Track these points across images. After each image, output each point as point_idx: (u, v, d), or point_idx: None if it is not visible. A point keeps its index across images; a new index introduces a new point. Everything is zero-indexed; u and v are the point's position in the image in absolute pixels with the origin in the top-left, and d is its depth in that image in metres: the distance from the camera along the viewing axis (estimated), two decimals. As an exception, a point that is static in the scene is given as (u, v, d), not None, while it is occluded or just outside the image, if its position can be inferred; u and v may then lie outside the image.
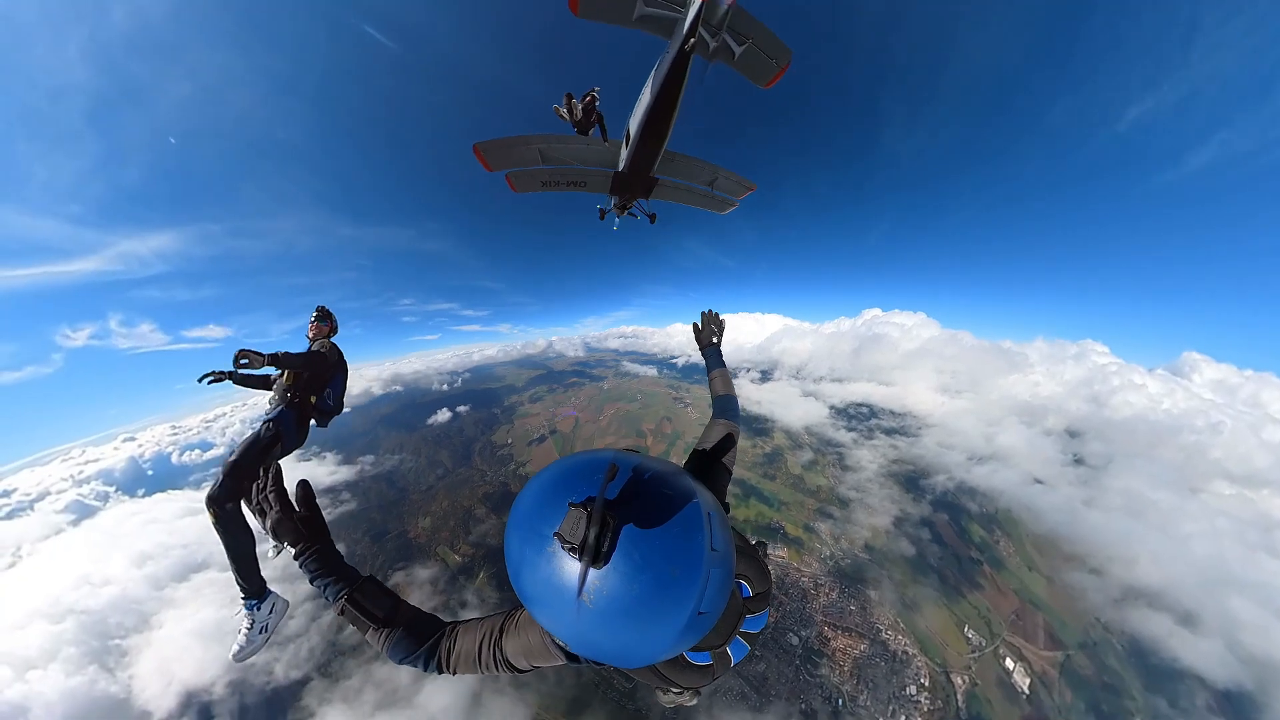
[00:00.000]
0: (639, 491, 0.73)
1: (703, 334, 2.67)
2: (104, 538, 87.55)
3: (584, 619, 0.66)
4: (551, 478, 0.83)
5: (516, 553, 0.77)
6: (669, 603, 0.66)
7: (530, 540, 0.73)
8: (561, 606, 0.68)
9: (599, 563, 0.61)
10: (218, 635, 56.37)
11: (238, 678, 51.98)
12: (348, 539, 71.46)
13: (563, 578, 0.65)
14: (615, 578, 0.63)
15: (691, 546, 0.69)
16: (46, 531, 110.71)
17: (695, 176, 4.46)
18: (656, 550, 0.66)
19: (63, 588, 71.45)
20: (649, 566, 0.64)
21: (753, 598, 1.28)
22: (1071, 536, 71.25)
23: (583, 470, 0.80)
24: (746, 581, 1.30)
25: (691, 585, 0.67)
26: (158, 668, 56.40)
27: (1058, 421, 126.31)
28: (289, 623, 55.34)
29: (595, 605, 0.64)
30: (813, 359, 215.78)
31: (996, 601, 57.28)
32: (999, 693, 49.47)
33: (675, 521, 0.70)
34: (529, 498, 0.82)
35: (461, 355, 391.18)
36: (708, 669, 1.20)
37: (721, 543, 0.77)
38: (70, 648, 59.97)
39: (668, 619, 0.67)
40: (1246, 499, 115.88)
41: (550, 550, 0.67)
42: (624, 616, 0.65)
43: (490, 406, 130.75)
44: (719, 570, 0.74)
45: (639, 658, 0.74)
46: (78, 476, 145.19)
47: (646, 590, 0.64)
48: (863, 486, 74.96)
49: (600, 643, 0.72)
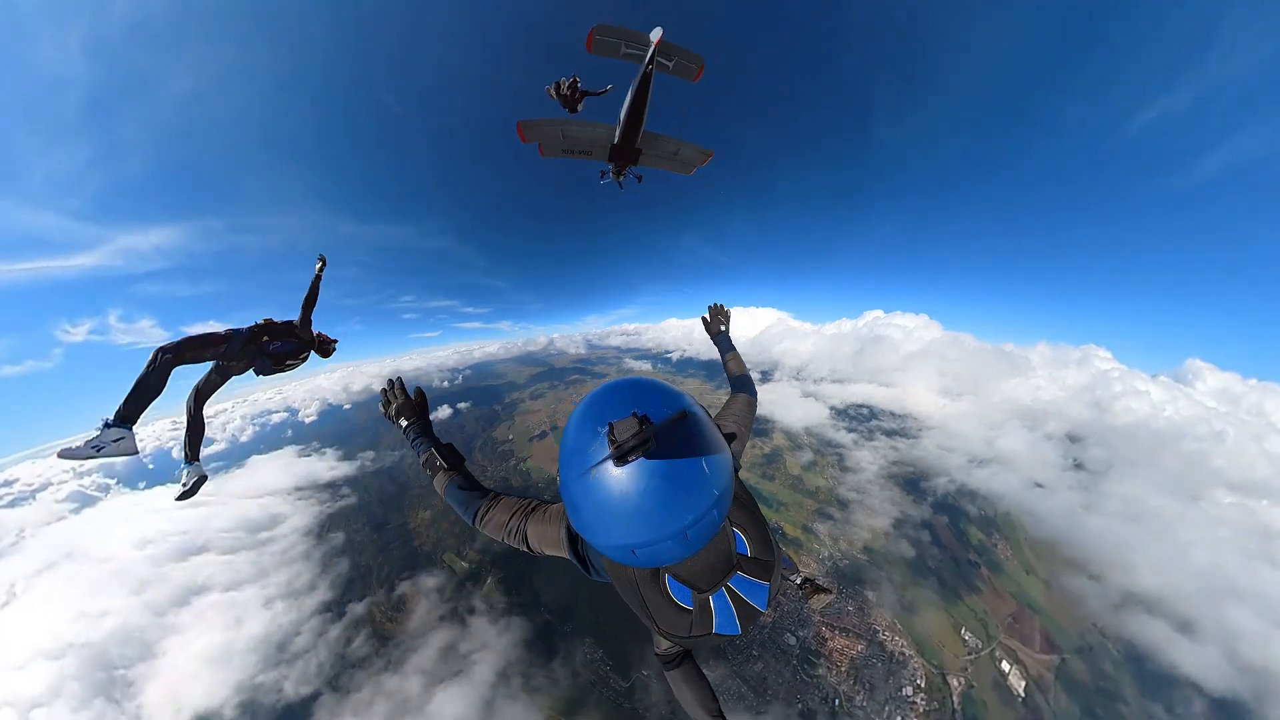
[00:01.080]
0: (686, 444, 0.85)
1: (712, 324, 2.94)
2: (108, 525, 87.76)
3: (580, 483, 0.86)
4: (637, 386, 0.99)
5: (580, 416, 0.95)
6: (628, 527, 0.83)
7: (592, 416, 0.91)
8: (576, 466, 0.87)
9: (619, 463, 0.77)
10: (225, 657, 55.69)
11: (248, 698, 51.24)
12: (348, 530, 71.88)
13: (592, 450, 0.84)
14: (618, 481, 0.80)
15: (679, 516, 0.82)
16: (48, 518, 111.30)
17: (665, 148, 6.04)
18: (658, 493, 0.80)
19: (60, 622, 70.72)
20: (644, 496, 0.79)
21: (750, 559, 1.26)
22: (1070, 541, 71.21)
23: (664, 396, 0.95)
24: (744, 536, 1.27)
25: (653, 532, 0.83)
26: (166, 695, 55.87)
27: (1059, 426, 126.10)
28: (297, 639, 55.05)
29: (593, 482, 0.83)
30: (813, 360, 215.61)
31: (994, 604, 57.36)
32: (995, 695, 49.60)
33: (689, 488, 0.82)
34: (612, 390, 0.99)
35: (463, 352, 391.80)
36: (685, 614, 1.18)
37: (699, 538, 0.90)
38: (73, 683, 58.87)
39: (618, 532, 0.85)
40: (1247, 508, 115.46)
41: (600, 430, 0.84)
42: (601, 503, 0.84)
43: (491, 403, 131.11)
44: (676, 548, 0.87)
45: (586, 530, 0.93)
46: (79, 468, 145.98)
47: (627, 507, 0.81)
48: (862, 488, 75.00)
49: (575, 502, 0.91)
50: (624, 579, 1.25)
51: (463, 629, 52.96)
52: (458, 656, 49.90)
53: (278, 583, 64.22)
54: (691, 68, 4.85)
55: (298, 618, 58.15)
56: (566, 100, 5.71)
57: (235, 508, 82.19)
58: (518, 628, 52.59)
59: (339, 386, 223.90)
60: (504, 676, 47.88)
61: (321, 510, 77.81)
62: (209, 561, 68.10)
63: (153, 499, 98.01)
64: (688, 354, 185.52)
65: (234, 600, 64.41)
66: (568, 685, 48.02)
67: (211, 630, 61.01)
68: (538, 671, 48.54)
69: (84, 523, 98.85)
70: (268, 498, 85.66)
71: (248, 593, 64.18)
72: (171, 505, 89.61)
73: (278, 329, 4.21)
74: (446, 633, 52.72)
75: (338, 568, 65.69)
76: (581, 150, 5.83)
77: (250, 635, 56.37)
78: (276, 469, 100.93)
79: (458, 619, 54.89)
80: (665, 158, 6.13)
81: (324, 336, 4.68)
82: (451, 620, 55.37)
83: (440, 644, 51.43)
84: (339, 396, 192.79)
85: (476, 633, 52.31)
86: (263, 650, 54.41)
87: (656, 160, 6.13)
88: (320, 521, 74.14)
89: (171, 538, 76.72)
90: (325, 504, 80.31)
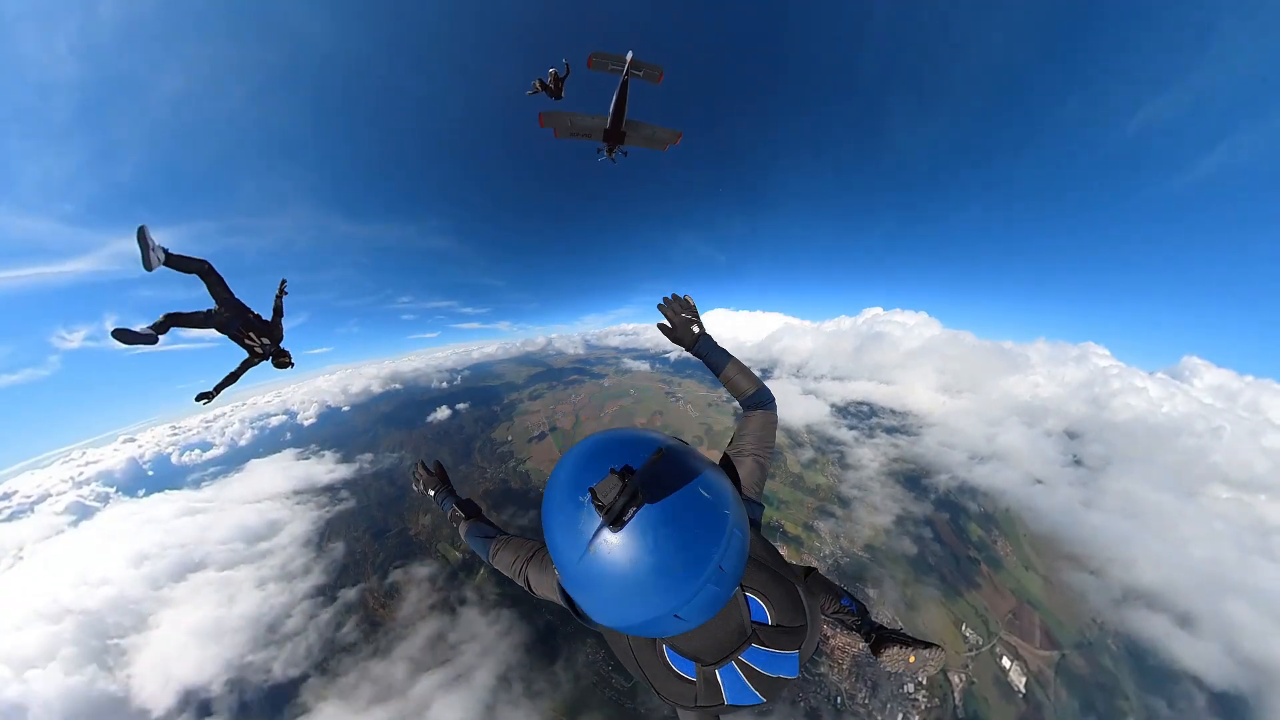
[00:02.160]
0: (676, 483, 0.77)
1: (679, 331, 2.09)
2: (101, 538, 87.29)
3: (581, 565, 0.76)
4: (605, 441, 0.91)
5: (555, 492, 0.86)
6: (655, 592, 0.71)
7: (569, 486, 0.82)
8: (570, 547, 0.77)
9: (615, 527, 0.68)
10: (216, 634, 56.29)
11: (236, 676, 51.83)
12: (348, 536, 71.56)
13: (581, 526, 0.74)
14: (622, 547, 0.70)
15: (700, 553, 0.72)
16: (47, 533, 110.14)
17: (643, 131, 7.35)
18: (667, 543, 0.70)
19: (60, 588, 71.25)
20: (654, 552, 0.69)
21: (771, 627, 1.06)
22: (1070, 537, 71.34)
23: (635, 444, 0.87)
24: (763, 602, 1.08)
25: (682, 585, 0.71)
26: (156, 667, 56.46)
27: (1057, 423, 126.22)
28: (287, 621, 55.52)
29: (596, 559, 0.73)
30: (813, 357, 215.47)
31: (994, 601, 57.44)
32: (995, 691, 49.65)
33: (695, 524, 0.74)
34: (582, 451, 0.91)
35: (461, 353, 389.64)
36: (689, 686, 1.06)
37: (731, 564, 0.79)
38: (69, 647, 59.83)
39: (646, 603, 0.73)
40: (1244, 504, 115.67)
41: (582, 500, 0.75)
42: (613, 581, 0.73)
43: (490, 404, 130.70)
44: (715, 588, 0.76)
45: (607, 615, 0.82)
46: (77, 478, 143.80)
47: (641, 571, 0.70)
48: (863, 485, 75.09)
49: (582, 588, 0.80)
50: (618, 641, 1.14)
51: (453, 619, 53.72)
52: (445, 646, 50.54)
53: (272, 565, 65.56)
54: (654, 74, 6.35)
55: (285, 602, 58.90)
56: (551, 91, 7.19)
57: (234, 515, 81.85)
58: (518, 631, 52.54)
59: (338, 389, 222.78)
60: (504, 681, 47.73)
61: (320, 515, 77.53)
62: (208, 579, 68.06)
63: (150, 507, 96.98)
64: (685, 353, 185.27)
65: (228, 578, 65.84)
66: (569, 686, 47.94)
67: (205, 606, 61.64)
68: (539, 675, 48.45)
69: (80, 536, 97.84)
70: (266, 502, 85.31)
71: (242, 572, 65.71)
72: (170, 515, 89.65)
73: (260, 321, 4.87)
74: (436, 622, 53.41)
75: (333, 553, 66.60)
76: (583, 133, 7.23)
77: (242, 614, 57.34)
78: (275, 472, 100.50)
79: (448, 609, 55.62)
80: (644, 138, 7.43)
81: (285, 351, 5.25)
82: (442, 610, 56.14)
83: (429, 632, 52.06)
84: (338, 399, 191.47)
85: (466, 623, 52.90)
86: (253, 630, 55.22)
87: (637, 140, 7.43)
88: (319, 529, 73.99)
89: (170, 551, 76.17)
90: (324, 508, 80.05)
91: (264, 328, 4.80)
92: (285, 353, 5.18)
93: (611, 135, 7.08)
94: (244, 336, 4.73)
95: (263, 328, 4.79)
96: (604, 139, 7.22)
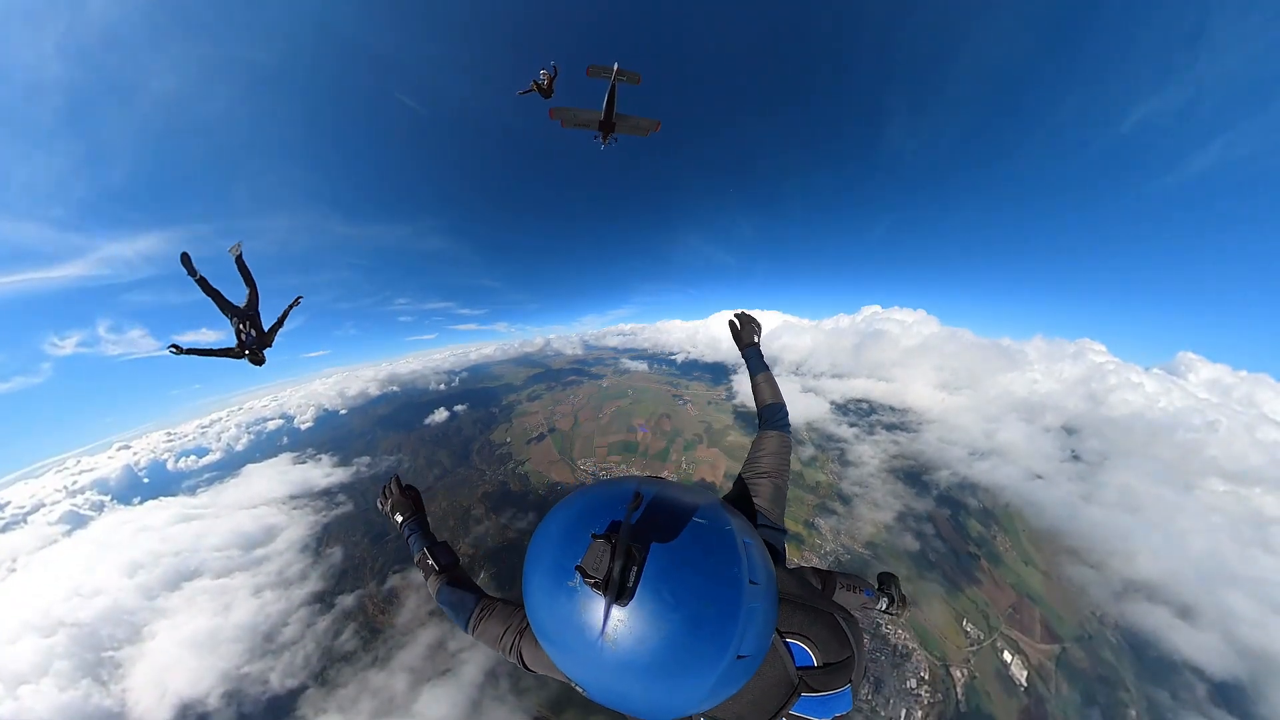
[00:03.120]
0: (667, 521, 0.65)
1: (743, 334, 2.42)
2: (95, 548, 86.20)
3: (606, 662, 0.59)
4: (573, 509, 0.77)
5: (536, 589, 0.70)
6: (703, 643, 0.58)
7: (551, 575, 0.67)
8: (583, 648, 0.60)
9: (623, 599, 0.54)
10: (211, 644, 55.37)
11: (233, 688, 51.08)
12: (346, 541, 71.07)
13: (585, 615, 0.59)
14: (642, 616, 0.56)
15: (727, 579, 0.61)
16: (41, 543, 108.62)
17: (629, 122, 8.74)
18: (687, 585, 0.58)
19: (53, 599, 70.33)
20: (680, 604, 0.56)
21: (819, 669, 0.89)
22: (1070, 531, 71.58)
23: (606, 501, 0.73)
24: (806, 644, 0.91)
25: (729, 623, 0.59)
26: (151, 679, 55.58)
27: (1055, 418, 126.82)
28: (284, 629, 54.54)
29: (619, 647, 0.57)
30: (813, 355, 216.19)
31: (994, 596, 57.56)
32: (997, 685, 49.70)
33: (708, 553, 0.63)
34: (550, 530, 0.76)
35: (459, 354, 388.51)
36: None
37: (762, 575, 0.70)
38: (62, 661, 58.61)
39: (702, 662, 0.59)
40: (1240, 496, 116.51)
41: (572, 585, 0.61)
42: (651, 660, 0.57)
43: (488, 405, 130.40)
44: (761, 605, 0.67)
45: (667, 709, 0.65)
46: (71, 487, 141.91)
47: (677, 630, 0.56)
48: (864, 482, 75.20)
49: (623, 690, 0.63)
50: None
51: (452, 626, 52.99)
52: (446, 654, 49.72)
53: (268, 571, 64.73)
54: (634, 78, 7.82)
55: (284, 609, 58.23)
56: (544, 90, 8.76)
57: (229, 521, 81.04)
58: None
59: (334, 392, 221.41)
60: (492, 677, 47.38)
61: (318, 520, 76.94)
62: (204, 588, 67.36)
63: (144, 515, 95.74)
64: (692, 356, 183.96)
65: (223, 585, 65.06)
66: (556, 683, 47.70)
67: (200, 616, 60.87)
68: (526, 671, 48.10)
69: (74, 546, 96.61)
70: (262, 508, 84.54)
71: (238, 580, 64.77)
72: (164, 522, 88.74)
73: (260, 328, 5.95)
74: (436, 629, 52.59)
75: (330, 559, 65.90)
76: (584, 124, 8.66)
77: (238, 623, 56.48)
78: (271, 477, 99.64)
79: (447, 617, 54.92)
80: (630, 127, 8.89)
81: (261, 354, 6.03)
82: (441, 616, 55.31)
83: (429, 640, 51.24)
84: (334, 402, 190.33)
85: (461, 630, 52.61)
86: (250, 639, 54.43)
87: (625, 129, 8.87)
88: (317, 534, 73.38)
89: (164, 560, 75.21)
90: (321, 513, 79.47)
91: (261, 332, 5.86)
92: (262, 355, 5.99)
93: (605, 125, 8.55)
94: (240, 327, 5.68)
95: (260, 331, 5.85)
96: (599, 129, 8.64)
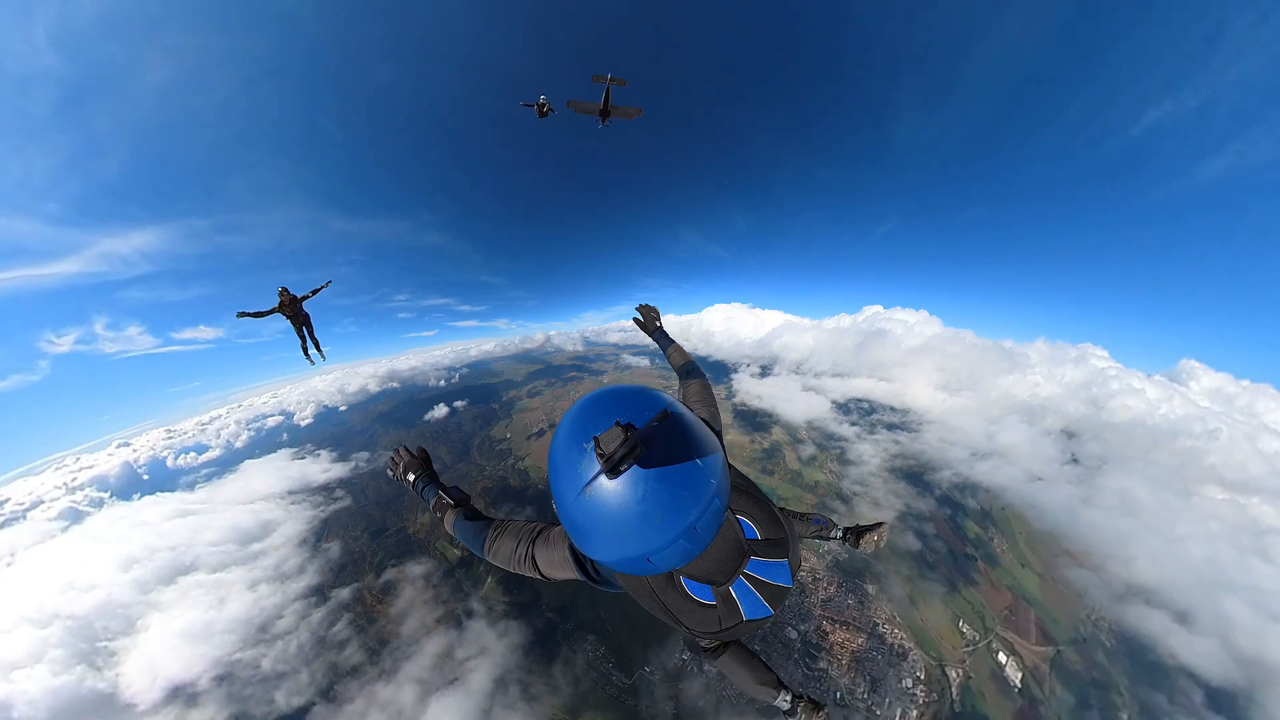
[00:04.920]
0: (672, 446, 0.83)
1: (647, 323, 3.01)
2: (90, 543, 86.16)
3: (577, 505, 0.84)
4: (616, 393, 0.97)
5: (562, 436, 0.93)
6: (637, 536, 0.81)
7: (575, 432, 0.89)
8: (569, 488, 0.85)
9: (611, 475, 0.76)
10: (205, 635, 55.63)
11: (224, 672, 51.47)
12: (344, 536, 71.09)
13: (582, 469, 0.82)
14: (614, 494, 0.78)
15: (680, 512, 0.80)
16: (39, 539, 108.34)
17: (619, 110, 11.12)
18: (652, 498, 0.78)
19: (48, 593, 70.45)
20: (640, 503, 0.78)
21: (761, 540, 1.24)
22: (1069, 534, 71.59)
23: (643, 401, 0.94)
24: (750, 520, 1.26)
25: (660, 535, 0.81)
26: (144, 666, 56.00)
27: (1056, 421, 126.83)
28: (278, 621, 54.66)
29: (589, 501, 0.81)
30: (814, 354, 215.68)
31: (990, 597, 57.59)
32: (993, 686, 49.77)
33: (682, 487, 0.81)
34: (592, 399, 0.98)
35: (459, 351, 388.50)
36: (711, 609, 1.17)
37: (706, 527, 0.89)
38: (57, 650, 59.26)
39: (627, 545, 0.83)
40: (1238, 505, 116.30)
41: (586, 446, 0.82)
42: (601, 521, 0.82)
43: (488, 401, 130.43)
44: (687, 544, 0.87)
45: (593, 551, 0.91)
46: (71, 484, 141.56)
47: (627, 517, 0.79)
48: (865, 480, 75.27)
49: (576, 527, 0.88)
50: (641, 588, 1.23)
51: (459, 633, 52.21)
52: (454, 663, 48.96)
53: (264, 566, 64.91)
54: (620, 81, 10.32)
55: (281, 601, 58.56)
56: (539, 112, 11.69)
57: (226, 516, 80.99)
58: (516, 630, 52.11)
59: (334, 389, 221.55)
60: (502, 683, 47.13)
61: (315, 515, 76.95)
62: (199, 582, 67.37)
63: (140, 510, 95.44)
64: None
65: (218, 580, 65.26)
66: (570, 685, 47.57)
67: (194, 609, 61.01)
68: (538, 675, 47.91)
69: (70, 541, 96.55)
70: (260, 503, 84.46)
71: (234, 574, 64.91)
72: (160, 517, 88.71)
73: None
74: (442, 638, 51.91)
75: (328, 554, 65.78)
76: (589, 111, 11.09)
77: (232, 616, 56.84)
78: (269, 473, 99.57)
79: (454, 621, 54.18)
80: (621, 114, 11.16)
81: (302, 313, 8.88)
82: (436, 608, 55.36)
83: (436, 650, 50.60)
84: (334, 399, 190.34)
85: (474, 636, 51.55)
86: (243, 631, 54.73)
87: (618, 114, 11.19)
88: (314, 529, 73.35)
89: (159, 554, 75.18)
90: (319, 507, 79.48)
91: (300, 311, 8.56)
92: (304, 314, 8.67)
93: (603, 113, 11.15)
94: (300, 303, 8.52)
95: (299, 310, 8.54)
96: (599, 115, 11.24)
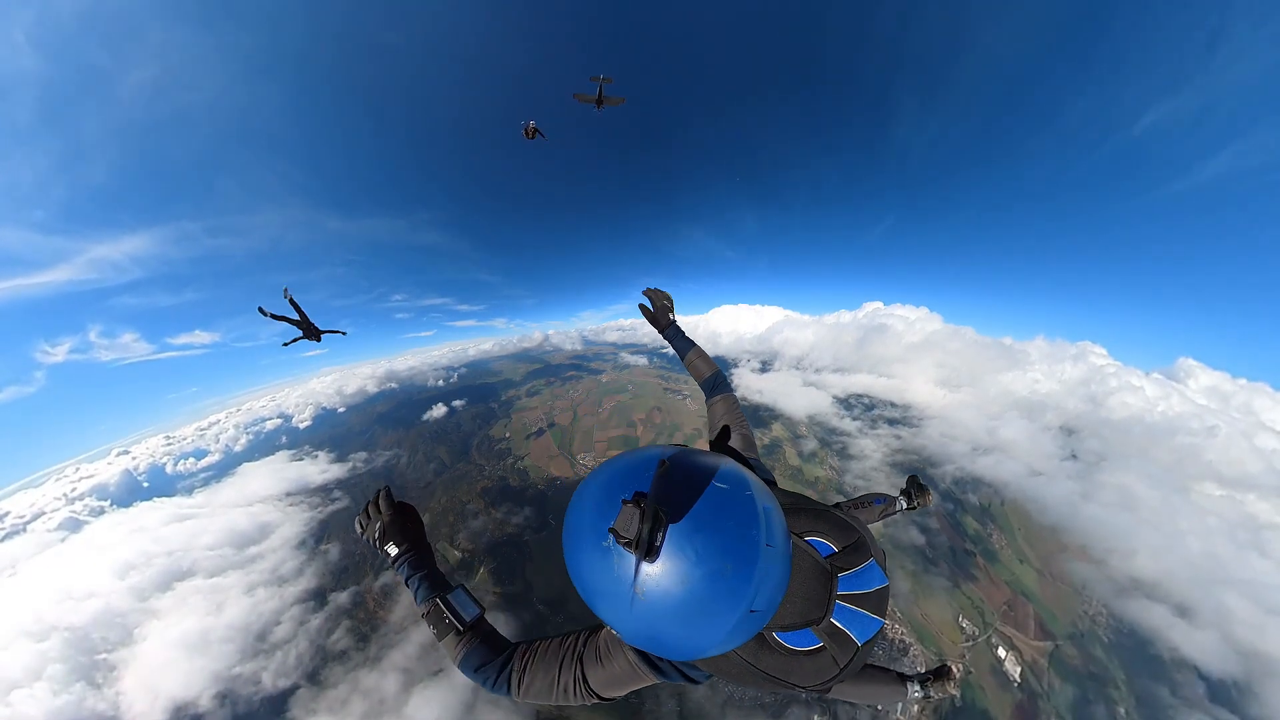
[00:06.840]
0: (690, 486, 0.73)
1: (659, 316, 2.37)
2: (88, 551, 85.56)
3: (637, 611, 0.69)
4: (605, 477, 0.84)
5: (575, 549, 0.79)
6: (721, 598, 0.66)
7: (587, 537, 0.75)
8: (618, 599, 0.70)
9: (651, 556, 0.63)
10: (202, 645, 54.88)
11: (226, 689, 50.73)
12: (342, 538, 70.93)
13: (619, 571, 0.68)
14: (668, 572, 0.65)
15: (746, 540, 0.69)
16: (39, 550, 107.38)
17: (610, 100, 12.08)
18: (710, 545, 0.66)
19: (46, 604, 69.80)
20: (701, 563, 0.64)
21: (839, 553, 1.09)
22: (1069, 529, 71.81)
23: (634, 468, 0.81)
24: (819, 537, 1.11)
25: (745, 581, 0.67)
26: (144, 682, 55.24)
27: (1055, 418, 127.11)
28: (276, 629, 54.08)
29: (648, 598, 0.66)
30: (814, 350, 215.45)
31: (989, 593, 57.71)
32: (992, 680, 49.87)
33: (728, 515, 0.70)
34: (585, 496, 0.84)
35: (457, 350, 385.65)
36: (821, 654, 0.99)
37: (779, 539, 0.77)
38: (55, 665, 58.00)
39: (719, 614, 0.68)
40: (1235, 501, 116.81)
41: (606, 545, 0.70)
42: (673, 611, 0.66)
43: (487, 401, 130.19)
44: (776, 567, 0.74)
45: (690, 649, 0.75)
46: (71, 494, 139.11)
47: (697, 587, 0.65)
48: (867, 475, 75.30)
49: (653, 635, 0.73)
50: (732, 667, 1.03)
51: None
52: (438, 654, 48.92)
53: (262, 569, 64.38)
54: (610, 81, 11.21)
55: (279, 605, 57.86)
56: (528, 134, 12.16)
57: (223, 519, 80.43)
58: (505, 622, 51.90)
59: (332, 390, 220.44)
60: None
61: (313, 517, 76.70)
62: (196, 587, 67.01)
63: (138, 516, 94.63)
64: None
65: (214, 584, 64.60)
66: None
67: (191, 616, 60.36)
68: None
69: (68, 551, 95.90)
70: (257, 506, 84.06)
71: (231, 578, 64.45)
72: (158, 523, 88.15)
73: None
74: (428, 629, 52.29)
75: (327, 556, 65.51)
76: (589, 101, 11.99)
77: (230, 623, 56.13)
78: (267, 475, 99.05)
79: None
80: (611, 103, 12.17)
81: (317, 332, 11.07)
82: None
83: (421, 639, 50.36)
84: (332, 400, 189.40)
85: None
86: (242, 639, 54.12)
87: (609, 103, 12.17)
88: (313, 531, 73.12)
89: (156, 560, 74.51)
90: (317, 509, 79.24)
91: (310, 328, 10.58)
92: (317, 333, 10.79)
93: (598, 102, 12.12)
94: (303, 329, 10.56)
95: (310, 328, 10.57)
96: (595, 103, 12.18)
